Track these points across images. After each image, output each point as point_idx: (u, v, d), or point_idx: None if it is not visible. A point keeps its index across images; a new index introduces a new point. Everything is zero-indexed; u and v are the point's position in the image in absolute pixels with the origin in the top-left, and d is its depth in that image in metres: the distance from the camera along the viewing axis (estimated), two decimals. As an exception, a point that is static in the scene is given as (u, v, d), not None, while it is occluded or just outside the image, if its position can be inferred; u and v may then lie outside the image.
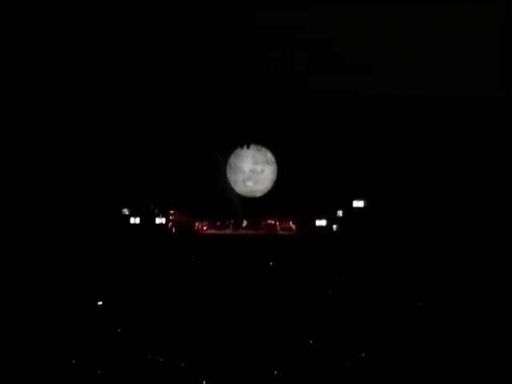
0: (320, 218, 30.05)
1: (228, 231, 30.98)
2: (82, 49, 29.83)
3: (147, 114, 30.63)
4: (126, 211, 30.25)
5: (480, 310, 17.73)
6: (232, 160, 31.14)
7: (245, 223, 31.20)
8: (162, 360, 15.17)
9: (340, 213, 30.26)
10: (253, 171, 31.21)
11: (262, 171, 31.10)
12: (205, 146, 30.28)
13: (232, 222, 31.17)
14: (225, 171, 31.13)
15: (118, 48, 29.55)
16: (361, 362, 14.98)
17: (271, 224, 31.25)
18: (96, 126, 30.48)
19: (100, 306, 20.35)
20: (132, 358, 15.52)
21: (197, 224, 31.22)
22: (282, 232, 30.95)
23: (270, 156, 31.19)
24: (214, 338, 16.65)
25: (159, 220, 30.60)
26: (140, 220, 30.19)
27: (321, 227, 30.14)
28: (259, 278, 23.02)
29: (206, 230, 31.30)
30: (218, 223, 31.30)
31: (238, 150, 31.15)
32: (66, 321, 18.21)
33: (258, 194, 31.16)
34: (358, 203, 29.94)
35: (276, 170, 31.04)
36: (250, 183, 31.17)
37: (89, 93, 29.94)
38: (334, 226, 30.06)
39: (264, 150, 31.19)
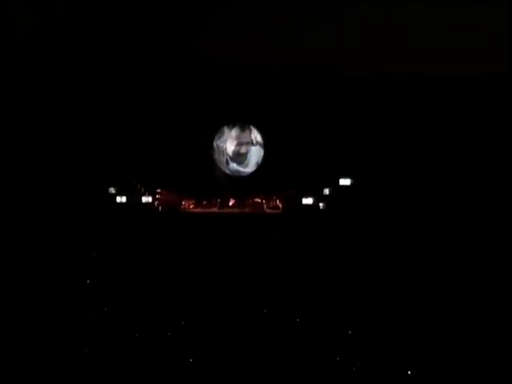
0: (306, 197, 30.08)
1: (214, 210, 31.00)
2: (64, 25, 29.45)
3: (133, 92, 30.44)
4: (112, 190, 30.15)
5: (476, 297, 17.72)
6: (216, 140, 31.05)
7: (231, 202, 31.20)
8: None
9: (326, 191, 30.27)
10: (236, 152, 31.13)
11: (247, 152, 31.03)
12: (191, 124, 30.14)
13: (218, 200, 31.16)
14: (211, 150, 31.05)
15: (96, 23, 29.19)
16: (349, 344, 15.03)
17: (258, 202, 31.27)
18: (81, 104, 30.26)
19: (88, 284, 20.35)
20: (118, 336, 15.53)
21: (183, 203, 31.19)
22: (268, 210, 30.99)
23: (255, 135, 31.10)
24: (201, 318, 16.67)
25: (146, 199, 30.55)
26: (126, 199, 30.11)
27: (307, 205, 30.17)
28: (246, 257, 23.07)
29: (193, 208, 31.27)
30: (205, 202, 31.29)
31: (223, 129, 31.05)
32: (52, 299, 18.19)
33: (244, 174, 31.12)
34: (345, 181, 29.96)
35: (262, 150, 30.96)
36: (234, 164, 31.12)
37: (72, 70, 29.64)
38: (321, 204, 30.10)
39: (249, 128, 31.09)
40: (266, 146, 30.81)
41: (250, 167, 31.07)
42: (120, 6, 28.87)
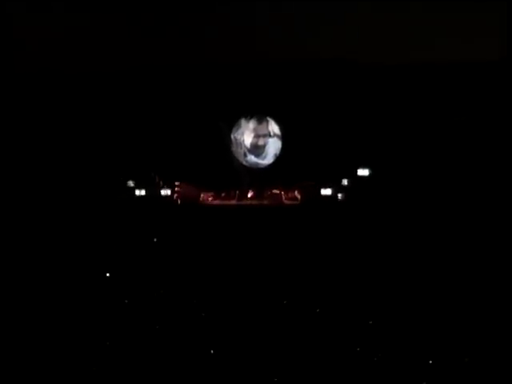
0: (325, 188, 30.04)
1: (233, 202, 30.99)
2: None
3: (152, 85, 30.50)
4: (130, 183, 30.27)
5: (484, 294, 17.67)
6: (233, 132, 31.08)
7: (250, 193, 31.21)
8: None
9: (345, 181, 30.23)
10: (254, 144, 31.15)
11: (265, 144, 31.04)
12: (208, 117, 30.19)
13: (237, 192, 31.18)
14: (228, 143, 31.09)
15: (109, 17, 29.28)
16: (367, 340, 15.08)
17: (276, 194, 31.23)
18: (99, 98, 30.37)
19: (108, 277, 20.52)
20: (139, 327, 15.69)
21: (202, 195, 31.24)
22: (287, 202, 30.96)
23: (273, 127, 31.10)
24: (221, 310, 16.79)
25: (164, 192, 30.61)
26: (145, 192, 30.23)
27: (326, 196, 30.14)
28: (266, 248, 23.13)
29: (212, 200, 31.33)
30: (223, 194, 31.30)
31: (240, 122, 31.07)
32: (71, 293, 18.38)
33: (262, 166, 31.13)
34: (363, 171, 29.89)
35: (279, 141, 30.96)
36: (251, 156, 31.14)
37: (89, 64, 29.77)
38: (339, 195, 30.06)
39: (267, 120, 31.09)
40: (283, 137, 30.77)
41: (267, 159, 31.06)
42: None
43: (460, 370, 13.00)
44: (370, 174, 29.78)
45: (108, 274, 20.64)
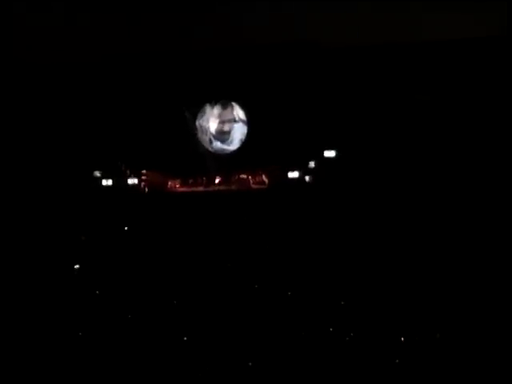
0: (292, 171, 30.12)
1: (201, 188, 30.93)
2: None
3: (115, 74, 30.22)
4: (97, 173, 30.05)
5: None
6: (198, 119, 30.96)
7: (218, 179, 31.17)
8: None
9: (312, 164, 30.31)
10: (220, 130, 31.07)
11: (231, 129, 30.98)
12: (174, 103, 30.05)
13: (204, 178, 31.12)
14: (194, 129, 30.97)
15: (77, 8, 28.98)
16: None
17: (244, 179, 31.22)
18: (63, 88, 30.05)
19: (77, 269, 20.42)
20: (109, 321, 15.65)
21: (169, 183, 31.13)
22: (254, 186, 30.99)
23: (238, 112, 31.05)
24: (193, 299, 16.81)
25: (131, 181, 30.44)
26: (112, 182, 30.02)
27: (293, 179, 30.22)
28: (236, 233, 23.18)
29: (179, 188, 31.24)
30: (191, 181, 31.23)
31: (205, 108, 30.95)
32: (42, 285, 18.26)
33: (228, 151, 31.08)
34: (329, 153, 29.98)
35: (245, 126, 30.92)
36: (217, 142, 31.07)
37: (56, 55, 29.42)
38: (307, 178, 30.15)
39: (232, 105, 31.03)
40: (249, 122, 30.72)
41: (234, 144, 30.99)
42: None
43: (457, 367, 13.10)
44: (336, 156, 29.90)
45: (77, 266, 20.53)
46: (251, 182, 31.37)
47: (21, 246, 22.34)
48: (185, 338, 14.31)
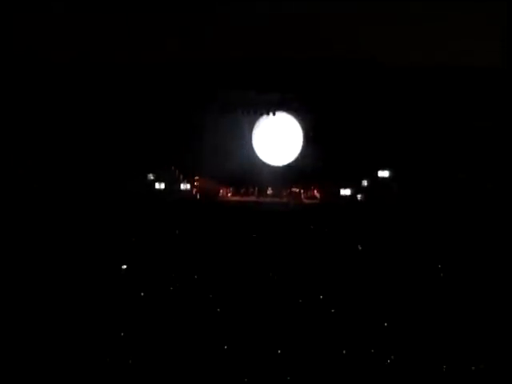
0: (345, 187, 29.95)
1: (252, 198, 30.95)
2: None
3: (175, 81, 30.53)
4: (150, 177, 30.37)
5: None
6: (257, 128, 31.00)
7: (269, 191, 31.16)
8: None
9: (365, 182, 30.11)
10: (277, 140, 31.06)
11: (288, 140, 30.95)
12: (231, 113, 30.17)
13: (256, 189, 31.14)
14: (250, 139, 31.02)
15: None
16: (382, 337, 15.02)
17: (296, 192, 31.16)
18: (120, 92, 30.45)
19: (124, 269, 20.57)
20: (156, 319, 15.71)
21: (221, 191, 31.25)
22: (306, 200, 30.89)
23: (295, 124, 31.02)
24: (239, 304, 16.79)
25: (184, 186, 30.66)
26: (165, 186, 30.30)
27: (345, 196, 30.05)
28: (284, 245, 23.09)
29: (231, 197, 31.31)
30: (243, 190, 31.29)
31: (264, 118, 30.98)
32: (91, 282, 18.46)
33: (283, 163, 31.03)
34: (383, 173, 29.75)
35: (300, 140, 30.87)
36: (274, 152, 31.04)
37: (113, 57, 29.90)
38: (359, 196, 29.95)
39: (290, 118, 31.01)
40: (305, 136, 30.68)
41: (288, 158, 30.97)
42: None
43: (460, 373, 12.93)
44: (390, 176, 29.66)
45: (125, 266, 20.71)
46: (303, 196, 31.26)
47: (73, 245, 22.70)
48: (225, 347, 14.28)
